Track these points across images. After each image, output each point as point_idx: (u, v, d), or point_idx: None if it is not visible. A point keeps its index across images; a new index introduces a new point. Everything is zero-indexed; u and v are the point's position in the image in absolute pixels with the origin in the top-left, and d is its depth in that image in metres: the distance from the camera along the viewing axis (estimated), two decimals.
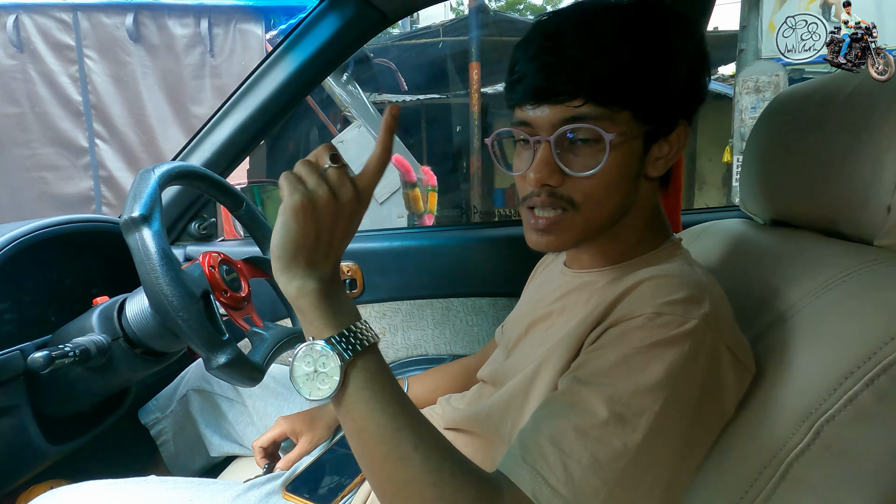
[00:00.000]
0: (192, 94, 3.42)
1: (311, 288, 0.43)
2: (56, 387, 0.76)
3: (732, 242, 0.72)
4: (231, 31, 3.38)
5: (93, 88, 3.35)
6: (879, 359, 0.42)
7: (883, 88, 0.52)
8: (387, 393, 0.43)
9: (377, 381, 0.43)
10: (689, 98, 0.55)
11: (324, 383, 0.42)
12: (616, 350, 0.46)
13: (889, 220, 0.50)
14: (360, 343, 0.43)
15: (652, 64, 0.51)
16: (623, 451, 0.42)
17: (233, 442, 0.99)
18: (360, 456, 0.44)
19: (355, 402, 0.42)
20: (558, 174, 0.53)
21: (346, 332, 0.43)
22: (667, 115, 0.54)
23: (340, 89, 3.75)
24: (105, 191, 3.43)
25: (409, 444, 0.41)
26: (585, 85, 0.50)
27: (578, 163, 0.52)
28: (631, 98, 0.51)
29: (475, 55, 5.21)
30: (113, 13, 3.30)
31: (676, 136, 0.55)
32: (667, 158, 0.56)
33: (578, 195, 0.53)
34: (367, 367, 0.43)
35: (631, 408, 0.43)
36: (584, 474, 0.41)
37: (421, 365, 1.20)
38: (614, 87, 0.50)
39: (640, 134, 0.53)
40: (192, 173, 0.77)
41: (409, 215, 3.72)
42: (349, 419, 0.43)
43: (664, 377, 0.43)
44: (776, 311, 0.53)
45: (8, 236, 0.78)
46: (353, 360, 0.42)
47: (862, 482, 0.44)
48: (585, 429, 0.43)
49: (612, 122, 0.51)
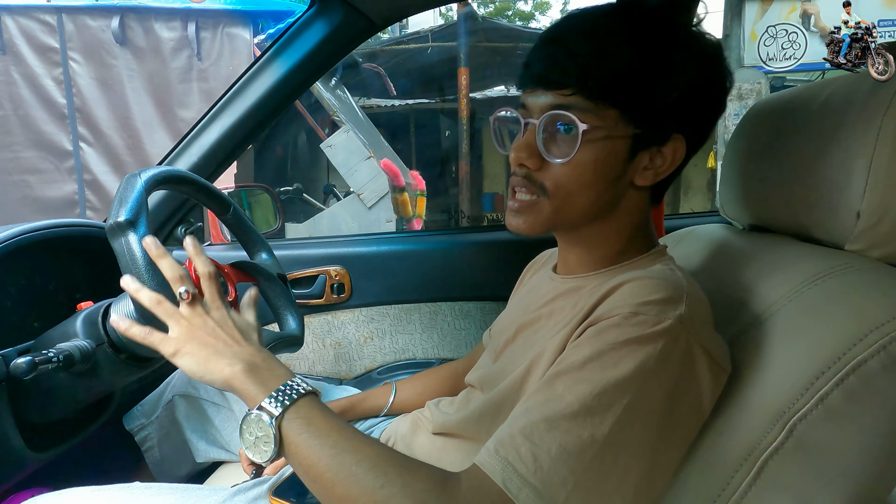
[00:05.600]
0: (179, 97, 3.39)
1: (232, 374, 0.52)
2: (39, 393, 0.75)
3: (712, 247, 0.73)
4: (219, 34, 3.37)
5: (77, 91, 3.32)
6: (848, 359, 0.44)
7: (852, 98, 0.54)
8: (322, 429, 0.48)
9: (312, 424, 0.48)
10: (685, 113, 0.55)
11: (266, 444, 0.48)
12: (591, 346, 0.47)
13: (858, 226, 0.51)
14: (288, 398, 0.49)
15: (645, 69, 0.52)
16: (591, 443, 0.43)
17: (219, 447, 0.98)
18: (312, 487, 0.47)
19: (296, 447, 0.48)
20: (536, 158, 0.55)
21: (273, 394, 0.49)
22: (657, 124, 0.55)
23: (329, 94, 3.75)
24: (90, 194, 3.39)
25: (351, 463, 0.45)
26: (575, 75, 0.52)
27: (555, 150, 0.55)
28: (619, 97, 0.53)
29: (464, 60, 5.24)
30: (98, 16, 3.28)
31: (672, 150, 0.56)
32: (657, 171, 0.57)
33: (550, 183, 0.56)
34: (299, 416, 0.49)
35: (601, 401, 0.44)
36: (553, 464, 0.43)
37: (409, 369, 1.20)
38: (603, 82, 0.52)
39: (626, 136, 0.54)
40: (178, 178, 0.77)
41: (398, 219, 3.73)
42: (295, 462, 0.48)
43: (634, 373, 0.45)
44: (753, 313, 0.54)
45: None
46: (283, 414, 0.48)
47: (833, 479, 0.45)
48: (556, 420, 0.44)
49: (597, 118, 0.53)
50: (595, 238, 0.60)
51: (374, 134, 4.28)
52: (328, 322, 1.21)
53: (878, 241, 0.51)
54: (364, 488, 0.44)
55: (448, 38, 5.60)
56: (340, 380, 1.23)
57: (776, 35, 3.08)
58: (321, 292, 1.18)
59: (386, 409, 0.88)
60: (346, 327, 1.21)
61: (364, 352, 1.22)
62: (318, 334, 1.21)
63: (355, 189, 3.54)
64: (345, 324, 1.21)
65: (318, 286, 1.18)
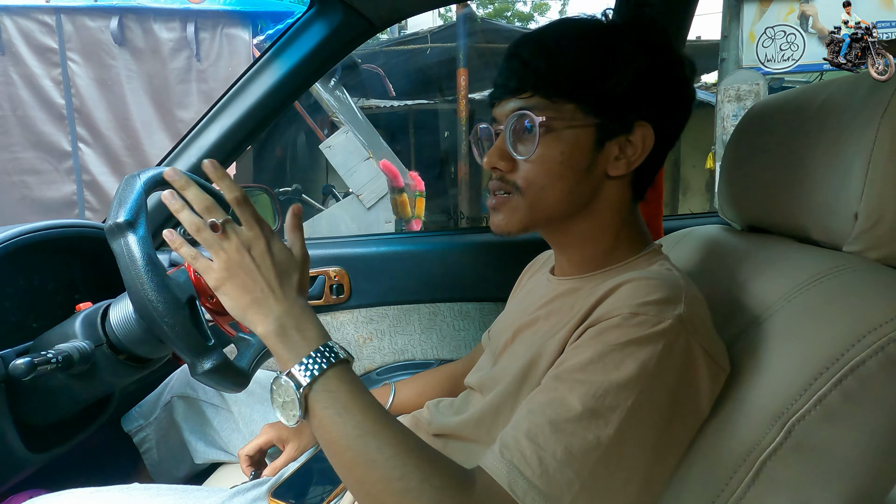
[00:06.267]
0: (178, 98, 3.39)
1: (264, 333, 0.50)
2: (37, 394, 0.75)
3: (711, 248, 0.74)
4: (218, 35, 3.37)
5: (76, 92, 3.32)
6: (846, 360, 0.44)
7: (850, 100, 0.55)
8: (348, 407, 0.47)
9: (337, 400, 0.47)
10: (640, 100, 0.57)
11: (293, 410, 0.48)
12: (592, 348, 0.48)
13: (856, 228, 0.52)
14: (318, 367, 0.48)
15: (592, 63, 0.56)
16: (596, 445, 0.44)
17: (218, 449, 0.98)
18: (332, 460, 0.48)
19: (320, 420, 0.47)
20: (507, 160, 0.59)
21: (304, 360, 0.48)
22: (615, 113, 0.57)
23: (328, 95, 3.75)
24: (88, 195, 3.38)
25: (373, 448, 0.45)
26: (529, 80, 0.57)
27: (523, 148, 0.58)
28: (572, 92, 0.56)
29: (462, 61, 5.25)
30: (97, 16, 3.28)
31: (640, 138, 0.58)
32: (630, 160, 0.58)
33: (522, 180, 0.59)
34: (326, 388, 0.48)
35: (604, 403, 0.45)
36: (558, 467, 0.43)
37: (408, 370, 1.21)
38: (554, 81, 0.56)
39: (589, 125, 0.57)
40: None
41: (397, 220, 3.73)
42: (319, 435, 0.48)
43: (637, 374, 0.45)
44: (751, 315, 0.54)
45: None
46: (311, 385, 0.47)
47: (831, 479, 0.45)
48: (560, 423, 0.45)
49: (556, 113, 0.57)
50: (581, 235, 0.61)
51: (374, 135, 4.28)
52: (327, 323, 1.21)
53: (876, 242, 0.51)
54: (382, 476, 0.44)
55: (447, 39, 5.61)
56: None
57: (774, 36, 3.09)
58: (320, 293, 1.18)
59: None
60: (346, 328, 1.21)
61: (363, 352, 1.22)
62: None
63: (354, 190, 3.54)
64: (344, 324, 1.21)
65: (318, 287, 1.18)
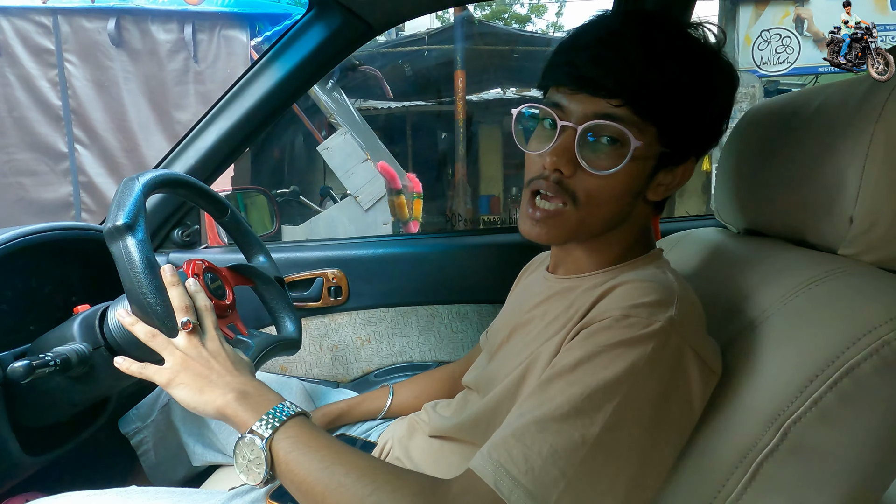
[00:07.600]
0: (176, 99, 3.38)
1: (224, 403, 0.54)
2: (35, 396, 0.75)
3: (707, 250, 0.74)
4: (216, 37, 3.36)
5: (73, 93, 3.30)
6: (841, 363, 0.44)
7: (846, 104, 0.55)
8: (311, 446, 0.50)
9: (300, 442, 0.50)
10: (708, 138, 0.56)
11: (258, 466, 0.50)
12: (583, 349, 0.48)
13: (851, 231, 0.52)
14: (277, 419, 0.51)
15: (693, 93, 0.52)
16: (581, 443, 0.44)
17: (215, 451, 0.98)
18: (305, 502, 0.49)
19: (286, 465, 0.49)
20: (573, 164, 0.53)
21: (264, 417, 0.51)
22: (685, 146, 0.55)
23: (326, 96, 3.75)
24: (85, 197, 3.37)
25: (340, 474, 0.47)
26: (630, 88, 0.51)
27: (595, 160, 0.53)
28: (663, 117, 0.52)
29: (460, 63, 5.26)
30: (94, 18, 3.26)
31: (683, 170, 0.57)
32: (668, 187, 0.58)
33: (582, 192, 0.54)
34: (288, 435, 0.50)
35: (591, 402, 0.45)
36: (544, 465, 0.43)
37: (406, 371, 1.21)
38: (654, 100, 0.51)
39: (656, 155, 0.54)
40: (176, 181, 0.77)
41: (395, 222, 3.73)
42: (287, 480, 0.49)
43: (624, 374, 0.45)
44: (747, 317, 0.55)
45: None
46: (273, 435, 0.50)
47: (826, 481, 0.46)
48: (546, 422, 0.45)
49: (640, 133, 0.52)
50: (600, 245, 0.60)
51: (371, 136, 4.29)
52: (325, 325, 1.21)
53: (871, 245, 0.52)
54: (354, 497, 0.45)
55: (445, 41, 5.62)
56: (338, 382, 1.23)
57: (770, 39, 3.10)
58: (318, 295, 1.18)
59: (383, 412, 0.88)
60: (344, 330, 1.21)
61: (361, 354, 1.22)
62: (316, 337, 1.21)
63: (352, 191, 3.54)
64: (342, 326, 1.21)
65: (316, 289, 1.18)
